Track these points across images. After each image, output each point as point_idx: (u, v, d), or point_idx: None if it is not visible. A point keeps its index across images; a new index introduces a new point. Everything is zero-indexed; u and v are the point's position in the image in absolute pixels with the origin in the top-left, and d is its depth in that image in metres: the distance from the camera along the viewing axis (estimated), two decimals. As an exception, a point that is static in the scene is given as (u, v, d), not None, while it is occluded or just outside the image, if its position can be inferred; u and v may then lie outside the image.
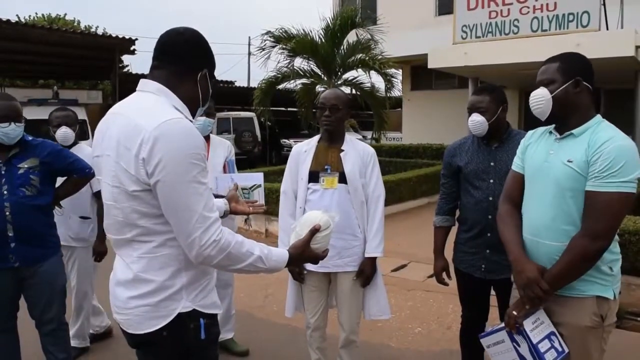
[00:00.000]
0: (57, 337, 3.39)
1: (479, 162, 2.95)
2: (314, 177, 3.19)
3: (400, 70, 17.36)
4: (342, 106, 3.16)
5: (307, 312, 3.33)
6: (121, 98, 1.77)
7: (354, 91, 12.95)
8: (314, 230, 1.92)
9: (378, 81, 12.90)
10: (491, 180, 2.89)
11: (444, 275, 3.20)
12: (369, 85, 12.51)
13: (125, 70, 24.50)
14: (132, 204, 1.72)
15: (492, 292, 3.08)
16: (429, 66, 11.82)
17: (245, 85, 26.80)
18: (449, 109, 15.88)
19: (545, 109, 2.21)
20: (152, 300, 1.77)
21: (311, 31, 11.99)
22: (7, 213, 3.06)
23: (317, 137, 3.35)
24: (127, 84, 17.64)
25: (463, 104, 2.94)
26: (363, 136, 24.18)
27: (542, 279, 2.15)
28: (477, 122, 2.86)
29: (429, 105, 17.09)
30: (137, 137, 1.65)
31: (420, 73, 17.21)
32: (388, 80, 12.05)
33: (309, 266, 3.19)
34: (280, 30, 11.86)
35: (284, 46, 11.81)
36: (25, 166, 3.17)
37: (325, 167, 3.18)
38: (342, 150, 3.20)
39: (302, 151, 3.31)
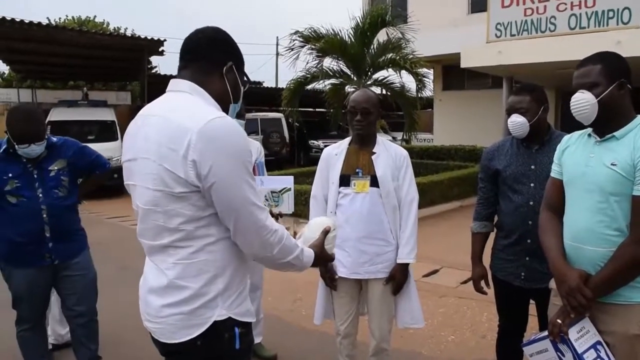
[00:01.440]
0: (91, 328, 3.59)
1: (519, 165, 2.87)
2: (345, 180, 3.15)
3: (432, 70, 17.21)
4: (374, 109, 3.12)
5: (336, 318, 3.29)
6: (149, 99, 1.79)
7: (384, 91, 12.84)
8: (326, 232, 2.08)
9: (409, 81, 12.79)
10: (532, 184, 2.81)
11: (483, 283, 3.12)
12: (399, 85, 12.39)
13: (154, 71, 24.83)
14: (176, 206, 1.70)
15: (531, 300, 2.99)
16: (462, 65, 11.68)
17: (273, 86, 26.95)
18: (482, 110, 15.69)
19: (591, 114, 2.14)
20: (187, 308, 1.75)
21: (340, 31, 11.94)
22: (45, 215, 3.25)
23: (347, 140, 3.30)
24: (156, 85, 17.82)
25: (497, 104, 2.88)
26: (393, 137, 24.08)
27: (585, 287, 2.09)
28: (518, 123, 2.78)
29: (461, 106, 16.91)
30: (183, 138, 1.64)
31: (452, 73, 17.03)
32: (419, 80, 11.91)
33: (340, 272, 3.17)
34: (310, 30, 11.82)
35: (313, 46, 11.76)
36: (56, 168, 3.33)
37: (357, 170, 3.14)
38: (374, 153, 3.16)
39: (333, 154, 3.27)
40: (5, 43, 14.41)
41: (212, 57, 1.87)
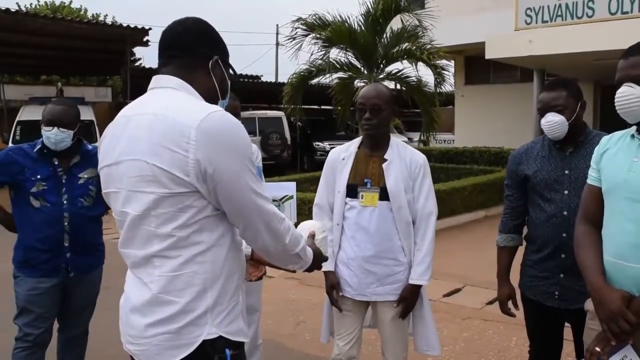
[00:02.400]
0: (76, 344, 3.77)
1: (551, 170, 2.88)
2: (352, 191, 3.16)
3: (453, 62, 17.17)
4: (386, 105, 3.10)
5: (336, 337, 3.31)
6: (133, 95, 1.85)
7: (398, 86, 12.85)
8: (312, 236, 2.25)
9: (426, 74, 12.78)
10: (565, 192, 2.82)
11: (510, 304, 3.12)
12: (415, 79, 12.39)
13: (138, 64, 24.91)
14: (172, 209, 1.74)
15: (567, 323, 3.00)
16: (487, 56, 11.66)
17: (273, 80, 26.99)
18: (509, 106, 15.64)
19: None
20: (173, 326, 1.77)
21: (349, 17, 11.96)
22: (66, 223, 3.42)
23: (357, 141, 3.31)
24: (139, 80, 17.82)
25: (526, 101, 2.87)
26: (409, 138, 24.06)
27: (628, 310, 2.07)
28: (556, 122, 2.78)
29: (486, 102, 16.88)
30: (181, 136, 1.70)
31: (475, 65, 17.01)
32: (438, 73, 11.88)
33: (346, 292, 3.21)
34: (314, 17, 11.81)
35: (318, 35, 11.75)
36: (85, 176, 3.53)
37: (365, 180, 3.14)
38: (385, 160, 3.14)
39: (340, 159, 3.27)
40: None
41: (196, 52, 1.92)
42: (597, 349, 2.15)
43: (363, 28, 11.81)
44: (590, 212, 2.36)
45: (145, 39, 16.84)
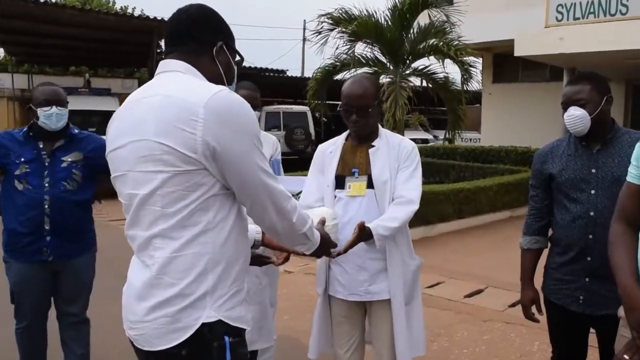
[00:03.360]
0: (78, 330, 3.76)
1: (577, 169, 2.77)
2: (340, 182, 3.05)
3: (480, 60, 17.00)
4: (373, 102, 2.96)
5: (336, 346, 3.17)
6: None
7: (424, 82, 12.72)
8: (322, 222, 2.35)
9: (453, 72, 12.62)
10: (592, 191, 2.70)
11: (534, 309, 3.01)
12: (442, 75, 12.24)
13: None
14: (179, 187, 1.75)
15: (592, 329, 2.88)
16: (516, 54, 11.51)
17: (299, 75, 26.96)
18: (538, 106, 15.42)
19: None
20: (172, 309, 1.77)
21: (376, 12, 11.83)
22: (46, 206, 3.42)
23: (345, 134, 3.20)
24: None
25: (555, 100, 2.76)
26: (434, 136, 23.99)
27: None
28: (577, 117, 2.67)
29: (514, 101, 16.68)
30: (190, 115, 1.72)
31: (504, 62, 16.84)
32: (465, 69, 11.72)
33: (337, 293, 3.08)
34: (340, 11, 11.72)
35: (344, 29, 11.69)
36: (69, 160, 3.54)
37: (353, 170, 3.03)
38: (372, 146, 3.03)
39: (328, 152, 3.17)
40: (-1, 21, 14.68)
41: (200, 38, 1.94)
42: (626, 356, 2.06)
43: (390, 23, 11.68)
44: (627, 211, 2.24)
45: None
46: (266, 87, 22.86)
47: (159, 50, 20.75)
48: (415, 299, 3.11)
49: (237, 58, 2.10)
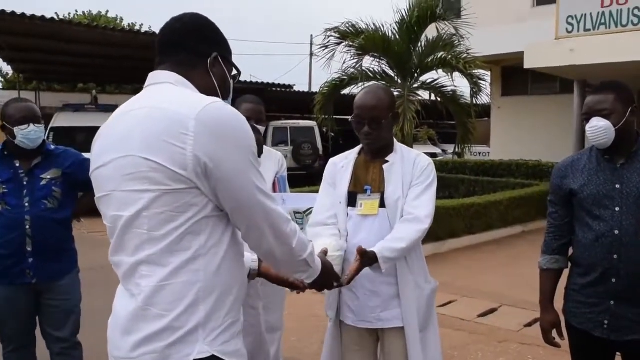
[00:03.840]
0: (69, 356, 3.62)
1: (600, 185, 2.60)
2: (352, 200, 2.87)
3: (489, 73, 16.88)
4: (386, 113, 2.78)
5: None
6: None
7: (433, 96, 12.58)
8: (324, 252, 2.28)
9: (462, 85, 12.51)
10: (617, 208, 2.54)
11: (555, 333, 2.83)
12: (451, 89, 12.09)
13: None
14: (167, 209, 1.60)
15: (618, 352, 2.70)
16: (525, 66, 11.37)
17: (306, 90, 26.90)
18: (548, 118, 15.29)
19: None
20: (159, 344, 1.61)
21: (383, 25, 11.72)
22: (28, 227, 3.32)
23: (358, 148, 3.01)
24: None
25: (566, 113, 2.60)
26: (443, 150, 23.84)
27: None
28: (600, 128, 2.51)
29: (524, 114, 16.52)
30: (179, 128, 1.58)
31: (513, 75, 16.72)
32: (474, 82, 11.58)
33: (347, 319, 2.89)
34: (347, 25, 11.61)
35: (351, 43, 11.59)
36: (48, 177, 3.42)
37: (365, 187, 2.85)
38: (387, 162, 2.84)
39: (339, 166, 2.99)
40: (5, 39, 14.70)
41: (193, 48, 1.82)
42: None
43: (397, 36, 11.57)
44: None
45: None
46: (273, 102, 22.85)
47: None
48: (430, 325, 2.91)
49: (234, 72, 1.97)
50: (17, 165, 3.37)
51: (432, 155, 21.21)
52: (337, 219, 2.89)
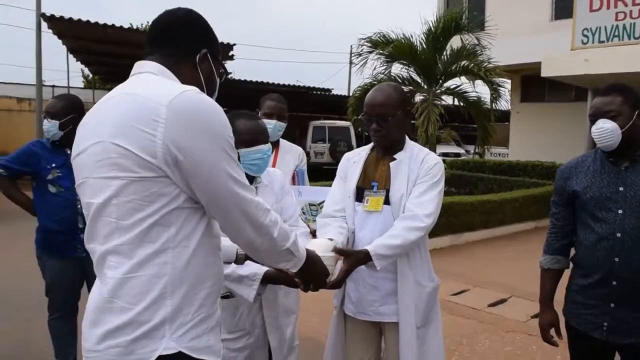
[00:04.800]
0: None
1: (603, 187, 2.29)
2: (360, 195, 2.61)
3: (509, 81, 16.41)
4: (395, 111, 2.50)
5: None
6: (219, 103, 1.51)
7: (456, 101, 12.21)
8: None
9: (483, 93, 12.10)
10: (620, 211, 2.23)
11: (553, 332, 2.54)
12: (473, 95, 11.71)
13: (230, 77, 25.19)
14: (136, 197, 1.41)
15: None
16: (542, 74, 10.90)
17: (345, 94, 26.66)
18: (563, 124, 14.76)
19: None
20: (124, 339, 1.40)
21: (411, 36, 11.43)
22: (79, 206, 3.32)
23: (371, 145, 2.76)
24: (224, 90, 18.04)
25: (580, 119, 2.33)
26: (466, 150, 23.30)
27: None
28: (606, 129, 2.21)
29: (541, 119, 15.98)
30: (150, 114, 1.39)
31: (531, 83, 16.20)
32: (494, 89, 11.20)
33: (347, 309, 2.67)
34: (379, 35, 11.38)
35: (381, 51, 11.33)
36: None
37: (372, 183, 2.60)
38: (394, 160, 2.57)
39: (352, 161, 2.74)
40: (82, 44, 14.95)
41: (182, 43, 1.64)
42: None
43: (424, 45, 11.23)
44: None
45: (230, 54, 16.92)
46: (313, 104, 22.74)
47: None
48: (432, 322, 2.63)
49: (222, 70, 1.77)
50: (68, 152, 3.37)
51: (456, 155, 20.95)
52: (347, 212, 2.66)
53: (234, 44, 16.07)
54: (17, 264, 6.63)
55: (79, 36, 14.14)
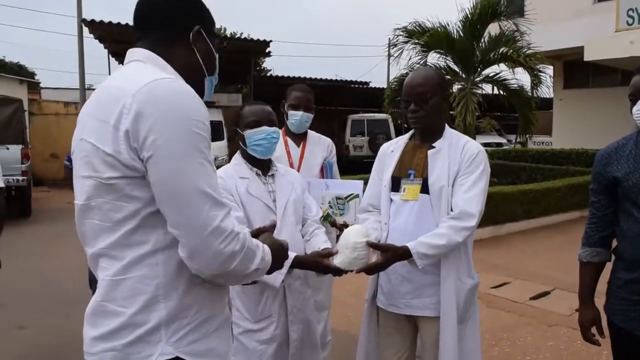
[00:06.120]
0: None
1: (647, 172, 2.08)
2: (396, 184, 2.49)
3: (551, 67, 15.85)
4: (434, 92, 2.40)
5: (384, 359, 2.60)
6: (256, 99, 1.37)
7: (495, 89, 11.83)
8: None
9: (524, 80, 11.65)
10: (667, 198, 2.02)
11: (595, 330, 2.33)
12: (513, 82, 11.28)
13: (269, 74, 25.35)
14: (108, 198, 1.31)
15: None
16: (585, 58, 10.51)
17: (384, 87, 26.41)
18: (609, 109, 14.14)
19: None
20: (119, 342, 1.31)
21: (447, 24, 11.08)
22: None
23: (410, 133, 2.64)
24: (263, 86, 18.14)
25: (626, 103, 2.13)
26: (508, 140, 22.71)
27: None
28: None
29: (585, 106, 15.43)
30: (115, 105, 1.27)
31: (574, 69, 15.68)
32: (535, 75, 10.76)
33: (378, 301, 2.56)
34: (414, 24, 11.09)
35: (417, 41, 11.04)
36: None
37: (409, 171, 2.46)
38: (433, 148, 2.44)
39: (389, 151, 2.62)
40: (123, 47, 15.11)
41: (172, 22, 1.47)
42: None
43: (461, 33, 10.89)
44: None
45: (267, 50, 17.02)
46: (352, 98, 22.54)
47: (262, 67, 20.96)
48: (470, 319, 2.47)
49: (217, 42, 1.60)
50: None
51: (498, 145, 20.41)
52: (380, 205, 2.56)
53: (270, 41, 16.12)
54: (58, 261, 6.78)
55: (119, 39, 14.33)
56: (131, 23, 1.49)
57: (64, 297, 5.36)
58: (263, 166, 2.55)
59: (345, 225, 3.21)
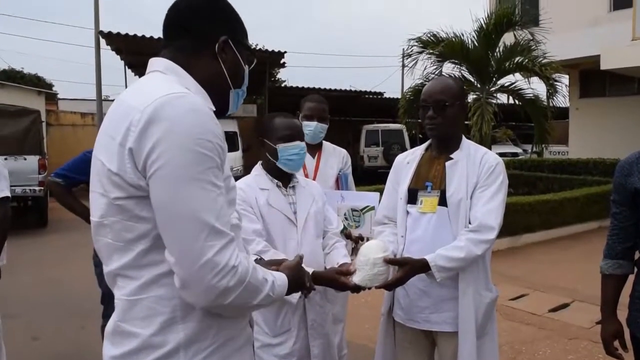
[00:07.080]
0: None
1: (671, 183, 2.03)
2: (412, 196, 2.44)
3: (567, 76, 15.73)
4: (453, 100, 2.36)
5: None
6: (271, 110, 1.33)
7: (511, 99, 11.75)
8: (300, 257, 1.66)
9: (539, 89, 11.56)
10: (690, 210, 1.97)
11: (617, 344, 2.28)
12: (528, 92, 11.20)
13: (283, 85, 25.43)
14: (119, 217, 1.25)
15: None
16: (602, 67, 10.41)
17: (399, 97, 26.42)
18: (626, 118, 14.06)
19: None
20: None
21: (462, 34, 11.05)
22: None
23: (426, 144, 2.60)
24: (278, 97, 18.20)
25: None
26: (523, 150, 22.54)
27: None
28: None
29: (602, 115, 15.26)
30: (124, 121, 1.22)
31: (590, 78, 15.52)
32: (550, 84, 10.68)
33: (396, 316, 2.50)
34: (428, 35, 11.08)
35: (432, 51, 11.02)
36: None
37: (426, 183, 2.42)
38: (450, 159, 2.40)
39: (405, 163, 2.57)
40: (139, 58, 15.30)
41: (196, 32, 1.41)
42: None
43: (476, 43, 10.85)
44: None
45: (282, 61, 17.08)
46: (366, 108, 22.55)
47: (277, 78, 20.97)
48: (488, 334, 2.42)
49: (249, 55, 1.52)
50: None
51: (513, 155, 20.27)
52: (397, 217, 2.51)
53: (285, 52, 16.20)
54: (74, 271, 6.80)
55: (135, 51, 14.48)
56: (147, 35, 1.47)
57: (79, 308, 5.37)
58: (284, 178, 2.53)
59: (361, 238, 3.18)
